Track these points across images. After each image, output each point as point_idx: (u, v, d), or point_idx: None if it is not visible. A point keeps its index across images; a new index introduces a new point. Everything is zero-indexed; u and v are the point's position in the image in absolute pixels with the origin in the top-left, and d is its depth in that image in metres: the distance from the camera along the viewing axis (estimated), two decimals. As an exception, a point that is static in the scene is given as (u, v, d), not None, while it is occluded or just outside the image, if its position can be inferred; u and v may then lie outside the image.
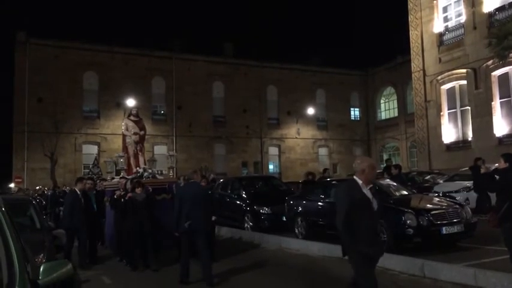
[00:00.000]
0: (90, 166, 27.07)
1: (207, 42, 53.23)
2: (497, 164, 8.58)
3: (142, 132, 11.92)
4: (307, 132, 37.84)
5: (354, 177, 4.32)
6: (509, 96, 19.77)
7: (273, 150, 37.14)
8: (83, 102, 31.11)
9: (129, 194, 8.68)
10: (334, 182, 11.85)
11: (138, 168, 11.40)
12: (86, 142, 30.87)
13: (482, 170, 6.77)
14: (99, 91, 31.37)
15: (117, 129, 30.78)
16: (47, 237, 6.77)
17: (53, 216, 16.54)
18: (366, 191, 4.24)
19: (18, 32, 29.85)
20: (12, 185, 28.26)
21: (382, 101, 40.30)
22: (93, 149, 30.57)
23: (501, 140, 19.75)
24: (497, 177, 6.66)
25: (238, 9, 60.31)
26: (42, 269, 2.75)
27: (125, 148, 11.86)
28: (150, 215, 8.69)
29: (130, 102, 29.32)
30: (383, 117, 39.96)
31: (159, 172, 13.24)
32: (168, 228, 9.38)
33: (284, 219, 11.92)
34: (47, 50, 29.48)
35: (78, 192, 9.05)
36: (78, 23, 51.73)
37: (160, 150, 29.81)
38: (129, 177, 10.46)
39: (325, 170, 16.69)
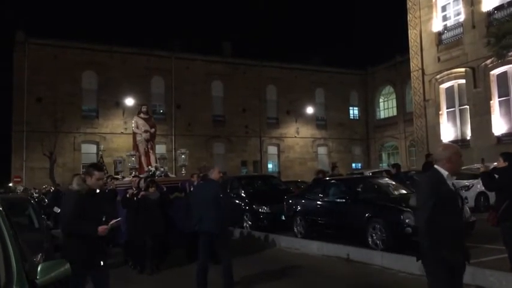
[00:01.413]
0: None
1: (206, 41, 53.24)
2: (495, 163, 8.57)
3: (153, 130, 11.70)
4: (306, 132, 37.85)
5: (436, 167, 3.67)
6: (508, 95, 19.80)
7: (272, 150, 37.16)
8: (82, 101, 31.08)
9: (142, 193, 8.49)
10: (333, 181, 11.87)
11: (149, 166, 11.19)
12: (85, 141, 30.85)
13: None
14: (98, 90, 31.34)
15: (116, 129, 30.87)
16: (46, 236, 6.76)
17: (53, 215, 16.33)
18: (451, 184, 3.59)
19: (17, 31, 29.81)
20: (11, 184, 28.23)
21: (381, 100, 40.31)
22: (92, 149, 30.56)
23: (500, 139, 19.77)
24: (496, 176, 6.65)
25: (237, 9, 60.32)
26: (40, 269, 2.74)
27: (135, 146, 11.64)
28: (164, 214, 8.50)
29: (130, 101, 29.38)
30: (382, 116, 39.97)
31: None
32: (180, 228, 9.08)
33: (283, 218, 11.94)
34: (46, 50, 29.45)
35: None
36: (77, 23, 51.75)
37: (160, 149, 29.68)
38: (142, 175, 10.25)
39: (333, 167, 15.90)
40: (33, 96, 28.96)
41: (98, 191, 4.67)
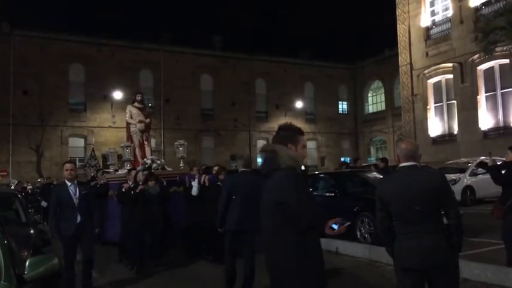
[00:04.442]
0: (88, 158, 26.64)
1: (195, 34, 52.69)
2: (482, 157, 8.66)
3: (148, 120, 11.09)
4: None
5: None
6: (494, 90, 20.03)
7: (262, 143, 37.13)
8: (69, 94, 30.69)
9: (141, 187, 7.85)
10: (322, 174, 11.92)
11: (145, 159, 10.68)
12: (72, 135, 30.53)
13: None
14: (85, 83, 30.99)
15: (104, 122, 30.61)
16: (33, 231, 6.70)
17: (41, 210, 15.95)
18: None
19: (3, 23, 29.22)
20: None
21: (369, 95, 40.50)
22: (80, 142, 30.29)
23: (486, 134, 20.02)
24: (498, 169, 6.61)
25: (227, 2, 59.88)
26: (28, 264, 2.73)
27: (129, 138, 11.05)
28: (164, 210, 7.97)
29: (118, 94, 29.12)
30: (370, 111, 40.18)
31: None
32: (177, 225, 8.61)
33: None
34: (32, 42, 28.99)
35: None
36: (64, 15, 50.84)
37: (148, 143, 29.58)
38: (138, 168, 9.63)
39: (356, 159, 15.73)
40: (19, 89, 28.53)
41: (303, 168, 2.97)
